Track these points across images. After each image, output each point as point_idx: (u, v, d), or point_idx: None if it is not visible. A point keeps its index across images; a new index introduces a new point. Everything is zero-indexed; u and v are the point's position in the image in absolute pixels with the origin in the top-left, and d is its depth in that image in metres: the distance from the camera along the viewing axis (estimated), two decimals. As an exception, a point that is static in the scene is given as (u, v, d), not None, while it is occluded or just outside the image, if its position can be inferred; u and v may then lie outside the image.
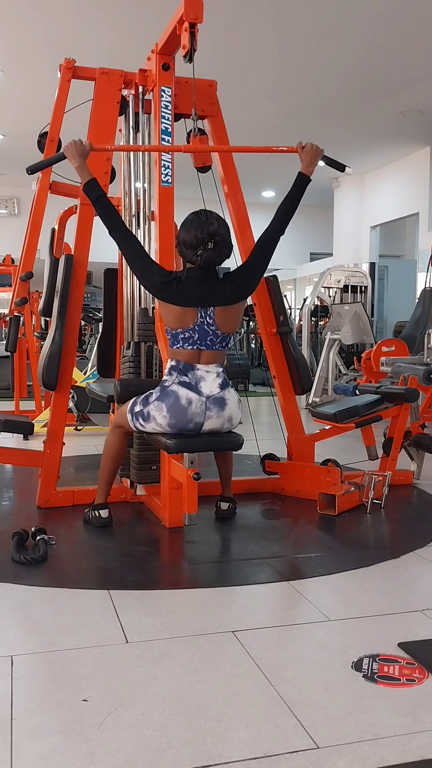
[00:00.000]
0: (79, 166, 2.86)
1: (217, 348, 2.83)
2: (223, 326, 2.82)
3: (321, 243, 13.36)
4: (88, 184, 2.86)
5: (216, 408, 2.78)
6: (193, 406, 2.75)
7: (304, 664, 1.83)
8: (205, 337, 2.80)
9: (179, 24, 2.84)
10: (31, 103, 7.94)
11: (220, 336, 2.82)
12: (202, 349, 2.80)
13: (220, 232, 2.77)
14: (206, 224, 2.75)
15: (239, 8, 5.83)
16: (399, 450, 3.84)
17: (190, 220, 2.80)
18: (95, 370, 4.14)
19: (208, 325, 2.79)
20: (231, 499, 3.24)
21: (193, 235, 2.75)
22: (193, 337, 2.79)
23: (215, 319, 2.79)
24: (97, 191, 2.85)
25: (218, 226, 2.77)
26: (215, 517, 3.21)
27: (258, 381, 10.45)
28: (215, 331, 2.80)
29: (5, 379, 8.21)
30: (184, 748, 1.45)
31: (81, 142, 2.86)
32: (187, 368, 2.80)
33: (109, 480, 3.07)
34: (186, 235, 2.78)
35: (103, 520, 3.02)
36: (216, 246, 2.75)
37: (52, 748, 1.45)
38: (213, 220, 2.78)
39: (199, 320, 2.78)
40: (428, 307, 7.16)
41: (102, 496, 3.07)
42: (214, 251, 2.75)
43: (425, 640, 1.97)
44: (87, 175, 2.86)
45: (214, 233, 2.74)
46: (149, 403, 2.81)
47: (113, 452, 3.05)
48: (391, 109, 8.26)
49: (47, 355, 3.28)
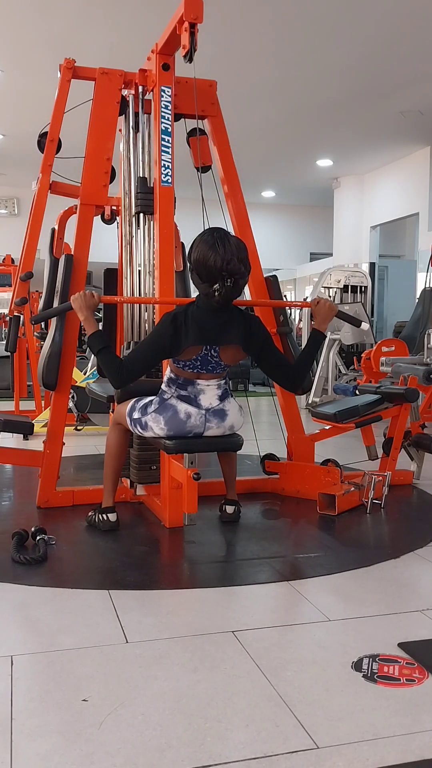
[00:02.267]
0: (86, 318, 2.77)
1: (218, 372, 2.80)
2: (227, 359, 2.77)
3: (321, 243, 13.36)
4: (93, 335, 2.74)
5: (216, 419, 2.77)
6: (192, 419, 2.74)
7: (304, 664, 1.83)
8: (207, 365, 2.75)
9: (179, 24, 2.84)
10: (31, 103, 7.94)
11: (222, 365, 2.78)
12: (202, 373, 2.77)
13: (242, 270, 2.56)
14: (225, 259, 2.51)
15: (239, 8, 5.83)
16: (399, 450, 3.84)
17: (208, 244, 2.55)
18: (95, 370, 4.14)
19: (212, 357, 2.74)
20: (236, 502, 3.22)
21: (211, 267, 2.53)
22: (195, 364, 2.74)
23: (220, 353, 2.74)
24: (101, 343, 2.74)
25: (239, 263, 2.54)
26: (220, 521, 3.19)
27: (258, 381, 10.45)
28: (218, 361, 2.76)
29: (5, 379, 8.22)
30: (184, 748, 1.45)
31: (90, 295, 2.80)
32: (187, 383, 2.77)
33: (114, 480, 3.04)
34: (202, 261, 2.54)
35: (111, 524, 2.97)
36: (235, 284, 2.56)
37: (52, 748, 1.45)
38: (232, 255, 2.51)
39: (203, 353, 2.71)
40: (428, 307, 7.16)
41: (109, 498, 3.02)
42: (233, 288, 2.56)
43: (425, 640, 1.96)
44: (93, 327, 2.75)
45: (234, 272, 2.53)
46: (147, 413, 2.78)
47: (115, 450, 3.04)
48: (391, 109, 8.26)
49: (47, 355, 3.28)
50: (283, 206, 13.50)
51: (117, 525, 3.00)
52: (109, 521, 2.98)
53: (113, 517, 2.99)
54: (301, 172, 11.22)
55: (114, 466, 3.04)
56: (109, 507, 3.01)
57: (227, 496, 3.23)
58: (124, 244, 3.57)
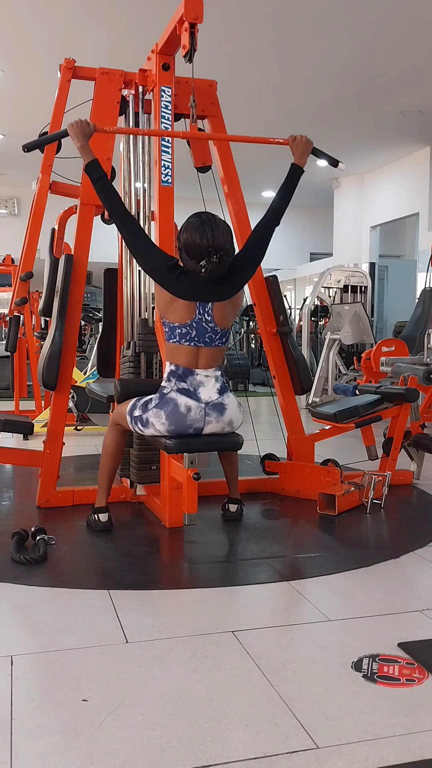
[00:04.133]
0: (81, 146, 2.82)
1: (216, 344, 2.82)
2: (221, 321, 2.80)
3: (321, 243, 13.36)
4: (90, 164, 2.82)
5: (215, 413, 2.78)
6: (192, 412, 2.74)
7: (304, 664, 1.83)
8: (204, 335, 2.78)
9: (179, 24, 2.84)
10: (31, 103, 7.94)
11: (219, 332, 2.81)
12: (200, 347, 2.78)
13: (226, 245, 2.68)
14: (212, 236, 2.64)
15: (239, 8, 5.83)
16: (399, 450, 3.84)
17: (194, 225, 2.69)
18: (95, 370, 4.14)
19: (206, 322, 2.77)
20: (239, 501, 3.23)
21: (197, 244, 2.65)
22: (191, 334, 2.77)
23: (213, 314, 2.78)
24: (98, 172, 2.81)
25: (224, 239, 2.67)
26: (223, 519, 3.19)
27: (258, 381, 10.45)
28: (213, 327, 2.78)
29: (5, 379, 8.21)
30: (184, 748, 1.45)
31: (86, 123, 2.83)
32: (186, 373, 2.78)
33: (109, 480, 3.05)
34: (189, 240, 2.68)
35: (103, 525, 2.98)
36: (221, 260, 2.66)
37: (52, 748, 1.45)
38: (218, 231, 2.67)
39: (197, 316, 2.76)
40: (428, 307, 7.16)
41: (102, 498, 3.03)
42: (219, 264, 2.66)
43: (425, 640, 1.96)
44: (89, 155, 2.83)
45: (220, 247, 2.65)
46: (148, 409, 2.79)
47: (112, 451, 3.04)
48: (391, 109, 8.26)
49: (47, 355, 3.28)
50: (283, 206, 13.48)
51: (109, 525, 3.00)
52: (100, 521, 2.99)
53: (104, 518, 2.99)
54: (301, 172, 11.20)
55: (110, 467, 3.04)
56: (102, 507, 3.02)
57: (230, 495, 3.23)
58: (124, 244, 3.57)
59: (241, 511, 3.22)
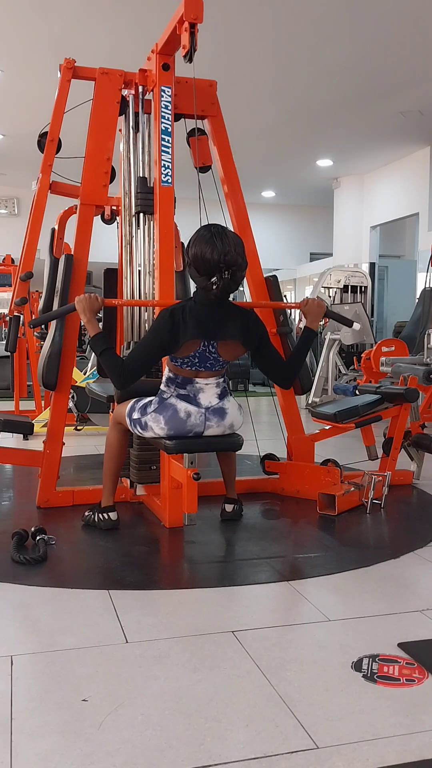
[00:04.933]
0: (88, 320, 2.78)
1: (217, 369, 2.80)
2: (226, 356, 2.78)
3: (321, 243, 13.36)
4: (96, 337, 2.75)
5: (216, 418, 2.77)
6: (192, 418, 2.74)
7: (304, 664, 1.83)
8: (206, 362, 2.75)
9: (179, 24, 2.84)
10: (31, 103, 7.94)
11: (221, 361, 2.79)
12: (201, 371, 2.77)
13: (239, 261, 2.58)
14: (222, 250, 2.54)
15: (239, 8, 5.83)
16: (399, 450, 3.84)
17: (204, 238, 2.58)
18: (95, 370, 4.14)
19: (210, 353, 2.74)
20: (236, 501, 3.23)
21: (208, 260, 2.55)
22: (193, 361, 2.74)
23: (218, 348, 2.74)
24: (104, 344, 2.73)
25: (236, 254, 2.56)
26: (221, 519, 3.20)
27: (258, 381, 10.45)
28: (217, 357, 2.76)
29: (5, 379, 8.22)
30: (184, 748, 1.45)
31: (94, 298, 2.80)
32: (186, 382, 2.77)
33: (114, 480, 3.04)
34: (199, 254, 2.57)
35: (112, 523, 2.98)
36: (233, 276, 2.58)
37: (52, 748, 1.45)
38: (230, 246, 2.55)
39: (201, 348, 2.72)
40: (428, 307, 7.16)
41: (109, 497, 3.03)
42: (231, 281, 2.58)
43: (425, 640, 1.96)
44: (95, 328, 2.76)
45: (231, 263, 2.55)
46: (147, 413, 2.79)
47: (115, 450, 3.04)
48: (391, 109, 8.26)
49: (47, 355, 3.28)
50: (283, 206, 13.50)
51: (118, 523, 3.00)
52: (110, 520, 2.99)
53: (114, 516, 3.00)
54: (301, 172, 11.22)
55: (114, 466, 3.04)
56: (110, 506, 3.02)
57: (227, 495, 3.23)
58: (124, 244, 3.57)
59: (240, 511, 3.22)
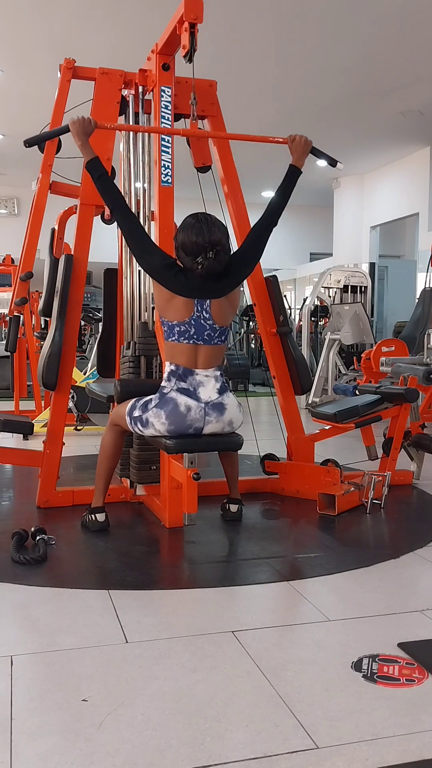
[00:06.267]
0: (82, 143, 2.85)
1: (215, 342, 2.82)
2: (220, 318, 2.80)
3: (321, 243, 13.36)
4: (90, 162, 2.84)
5: (215, 413, 2.78)
6: (192, 412, 2.74)
7: (304, 664, 1.83)
8: (203, 332, 2.78)
9: (179, 24, 2.84)
10: (31, 103, 7.94)
11: (217, 330, 2.81)
12: (199, 344, 2.79)
13: (222, 241, 2.70)
14: (207, 232, 2.68)
15: (239, 8, 5.83)
16: (399, 450, 3.84)
17: (190, 224, 2.72)
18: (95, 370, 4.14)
19: (205, 320, 2.77)
20: (239, 501, 3.23)
21: (194, 242, 2.67)
22: (190, 332, 2.77)
23: (211, 312, 2.78)
24: (99, 169, 2.83)
25: (220, 235, 2.70)
26: (223, 519, 3.20)
27: (258, 381, 10.45)
28: (212, 325, 2.79)
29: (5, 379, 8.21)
30: (184, 748, 1.45)
31: (88, 120, 2.85)
32: (186, 373, 2.78)
33: (106, 480, 3.05)
34: (185, 239, 2.70)
35: (100, 525, 2.98)
36: (217, 255, 2.69)
37: (52, 748, 1.45)
38: (214, 228, 2.70)
39: (195, 314, 2.76)
40: (428, 307, 7.16)
41: (99, 498, 3.03)
42: (215, 260, 2.69)
43: (425, 640, 1.97)
44: (90, 153, 2.85)
45: (215, 242, 2.67)
46: (148, 409, 2.79)
47: (110, 451, 3.04)
48: (391, 109, 8.26)
49: (47, 355, 3.28)
50: (283, 206, 13.48)
51: (106, 525, 3.00)
52: (97, 521, 2.99)
53: (101, 517, 2.99)
54: (301, 172, 11.20)
55: (107, 467, 3.04)
56: (99, 507, 3.02)
57: (230, 495, 3.24)
58: (124, 244, 3.57)
59: (241, 512, 3.22)
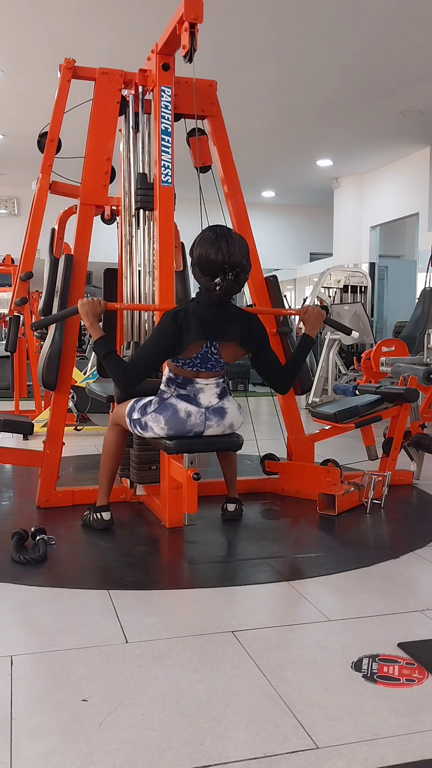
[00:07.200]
0: (91, 324, 2.79)
1: (217, 370, 2.80)
2: (227, 357, 2.78)
3: (321, 243, 13.36)
4: (99, 340, 2.76)
5: (216, 417, 2.77)
6: (192, 417, 2.74)
7: (304, 664, 1.83)
8: (206, 363, 2.75)
9: (179, 24, 2.84)
10: (31, 103, 7.94)
11: (222, 363, 2.78)
12: (201, 371, 2.77)
13: (243, 263, 2.58)
14: (227, 251, 2.54)
15: (239, 8, 5.83)
16: (399, 450, 3.84)
17: (209, 240, 2.58)
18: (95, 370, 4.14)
19: (212, 354, 2.74)
20: (237, 500, 3.23)
21: (212, 260, 2.55)
22: (195, 362, 2.74)
23: (220, 351, 2.74)
24: (107, 348, 2.74)
25: (241, 256, 2.57)
26: (222, 519, 3.20)
27: (258, 381, 10.44)
28: (218, 359, 2.76)
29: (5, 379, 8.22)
30: (184, 748, 1.45)
31: (97, 301, 2.82)
32: (186, 382, 2.77)
33: (110, 480, 3.05)
34: (203, 255, 2.57)
35: (105, 523, 2.98)
36: (237, 277, 2.58)
37: (52, 748, 1.45)
38: (234, 246, 2.56)
39: (203, 350, 2.71)
40: (428, 307, 7.16)
41: (104, 497, 3.03)
42: (235, 282, 2.58)
43: (425, 640, 1.96)
44: (98, 332, 2.78)
45: (236, 264, 2.55)
46: (147, 413, 2.79)
47: (112, 450, 3.04)
48: (391, 109, 8.26)
49: (47, 355, 3.28)
50: (283, 206, 13.50)
51: (111, 523, 3.00)
52: (103, 520, 2.99)
53: (107, 516, 3.00)
54: (301, 172, 11.22)
55: (111, 466, 3.04)
56: (104, 506, 3.02)
57: (228, 495, 3.24)
58: (124, 244, 3.57)
59: (241, 511, 3.22)
